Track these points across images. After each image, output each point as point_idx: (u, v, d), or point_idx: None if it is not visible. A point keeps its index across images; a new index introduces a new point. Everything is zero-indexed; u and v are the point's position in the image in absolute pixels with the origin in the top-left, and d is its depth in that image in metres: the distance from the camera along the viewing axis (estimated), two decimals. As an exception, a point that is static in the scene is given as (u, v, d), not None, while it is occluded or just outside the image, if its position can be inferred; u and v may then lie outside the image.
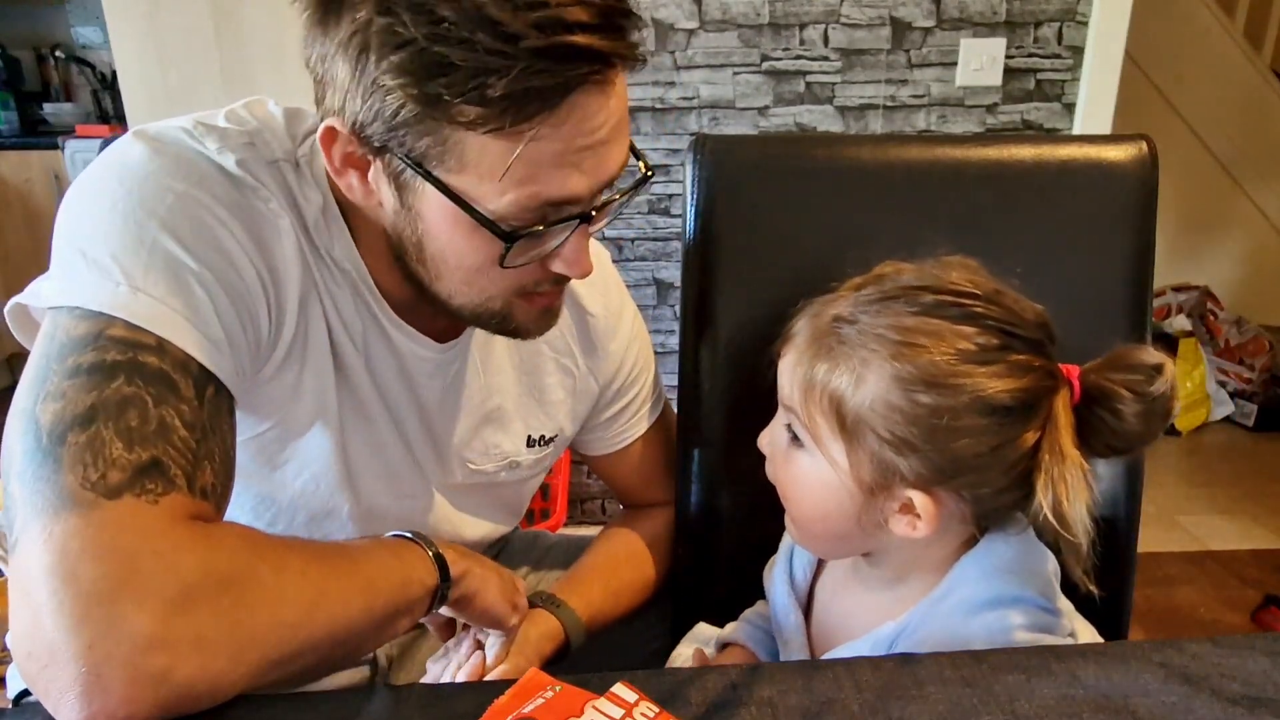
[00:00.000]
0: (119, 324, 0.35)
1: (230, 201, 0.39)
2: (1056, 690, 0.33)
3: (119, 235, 0.36)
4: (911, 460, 0.37)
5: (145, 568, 0.30)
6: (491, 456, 0.53)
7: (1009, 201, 0.57)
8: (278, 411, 0.43)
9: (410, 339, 0.46)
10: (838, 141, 0.81)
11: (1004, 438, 0.37)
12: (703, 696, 0.33)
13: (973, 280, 0.39)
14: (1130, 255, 0.57)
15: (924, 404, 0.36)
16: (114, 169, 0.38)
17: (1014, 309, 0.38)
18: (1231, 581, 1.34)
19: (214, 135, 0.40)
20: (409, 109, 0.34)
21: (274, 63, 1.32)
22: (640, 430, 0.60)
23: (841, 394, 0.38)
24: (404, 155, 0.36)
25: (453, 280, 0.40)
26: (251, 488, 0.45)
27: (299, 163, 0.42)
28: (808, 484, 0.41)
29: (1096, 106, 1.41)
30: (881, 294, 0.39)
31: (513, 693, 0.31)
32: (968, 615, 0.38)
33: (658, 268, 1.48)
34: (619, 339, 0.56)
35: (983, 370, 0.37)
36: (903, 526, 0.39)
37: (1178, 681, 0.34)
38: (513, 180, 0.35)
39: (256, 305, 0.39)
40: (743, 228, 0.57)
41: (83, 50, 2.14)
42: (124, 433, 0.32)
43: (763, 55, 1.40)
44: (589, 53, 0.33)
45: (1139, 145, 0.57)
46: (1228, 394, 2.00)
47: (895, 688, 0.34)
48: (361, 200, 0.40)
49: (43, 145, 1.88)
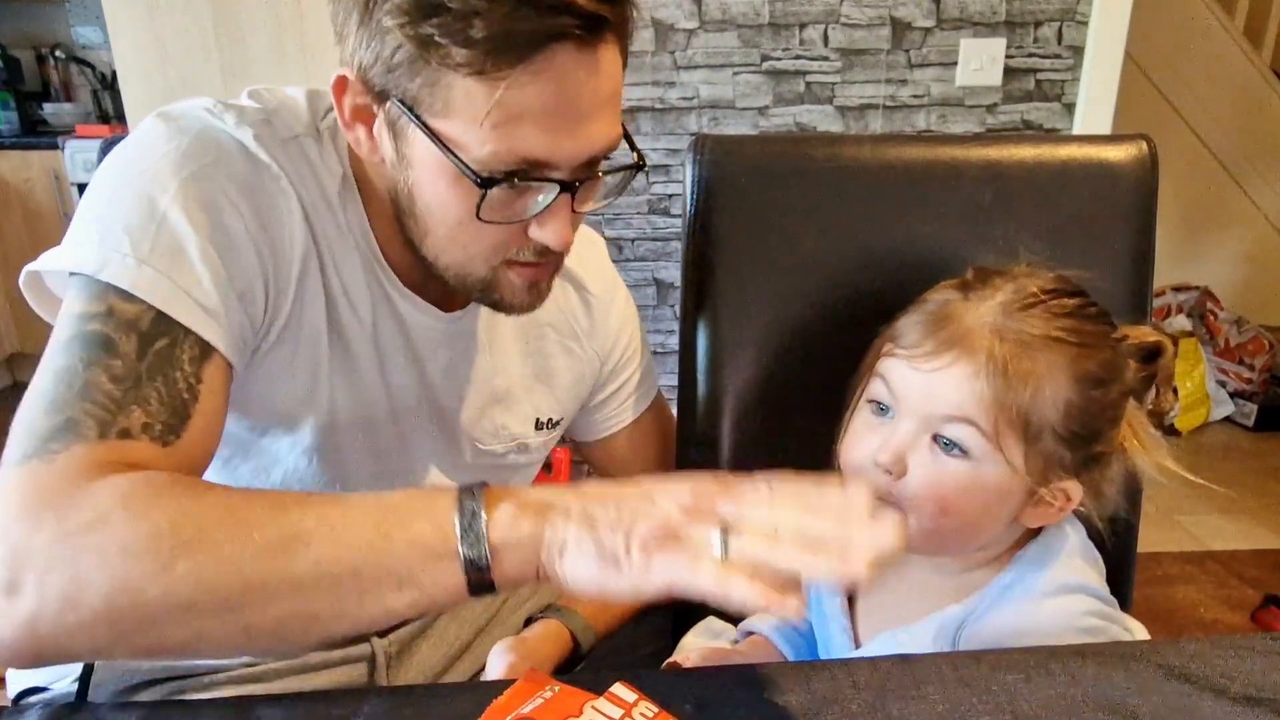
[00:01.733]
0: (83, 299, 0.36)
1: (241, 179, 0.40)
2: (1056, 690, 0.33)
3: (131, 209, 0.38)
4: (1078, 451, 0.40)
5: (25, 518, 0.31)
6: (500, 438, 0.53)
7: (1009, 201, 0.57)
8: (273, 386, 0.44)
9: (416, 308, 0.47)
10: (838, 141, 0.81)
11: (1123, 412, 0.42)
12: (701, 695, 0.33)
13: (1068, 278, 0.42)
14: (1130, 255, 0.56)
15: (1096, 398, 0.40)
16: (136, 150, 0.41)
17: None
18: (1231, 581, 1.34)
19: (232, 112, 0.42)
20: (404, 50, 0.36)
21: (274, 62, 1.33)
22: (631, 416, 0.59)
23: (1031, 402, 0.39)
24: (399, 99, 0.37)
25: (438, 235, 0.41)
26: (249, 460, 0.45)
27: (321, 134, 0.44)
28: (971, 491, 0.40)
29: (1096, 106, 1.41)
30: (1026, 299, 0.41)
31: (511, 693, 0.30)
32: (1037, 600, 0.40)
33: (658, 268, 1.48)
34: (614, 316, 0.57)
35: (1123, 358, 0.42)
36: (1038, 515, 0.41)
37: (1177, 681, 0.34)
38: (492, 128, 0.36)
39: (255, 283, 0.41)
40: (743, 228, 0.57)
41: (83, 50, 2.14)
42: (50, 405, 0.34)
43: (763, 55, 1.40)
44: (573, 7, 0.35)
45: (1139, 145, 0.57)
46: (1228, 394, 2.00)
47: (894, 688, 0.34)
48: (367, 155, 0.41)
49: (43, 145, 1.83)
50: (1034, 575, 0.41)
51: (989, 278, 0.42)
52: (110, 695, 0.45)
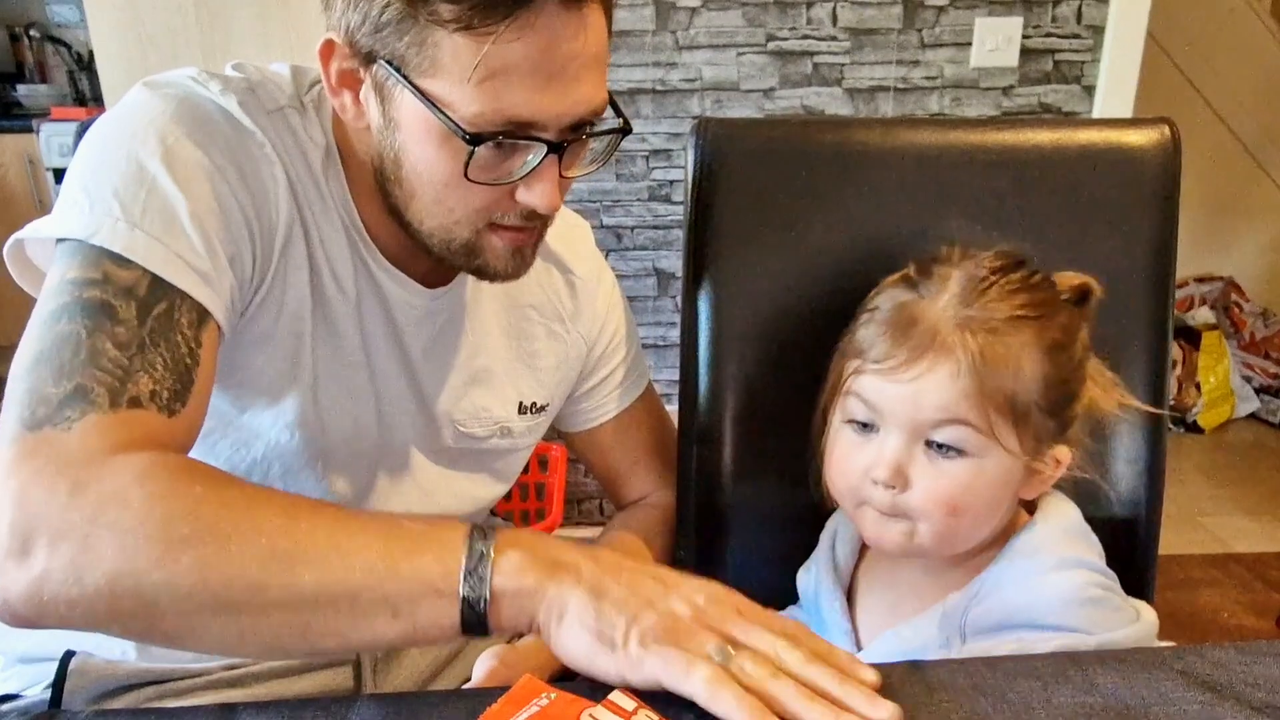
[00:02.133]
0: (75, 264, 0.37)
1: (226, 144, 0.41)
2: (1074, 698, 0.32)
3: (120, 175, 0.38)
4: (1059, 417, 0.41)
5: (42, 484, 0.32)
6: (481, 420, 0.52)
7: (1025, 188, 0.55)
8: (254, 355, 0.44)
9: (398, 284, 0.47)
10: (846, 125, 0.79)
11: (1087, 367, 0.43)
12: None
13: (1005, 250, 0.43)
14: (1152, 244, 0.55)
15: (1065, 361, 0.41)
16: (123, 116, 0.41)
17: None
18: (1256, 585, 1.31)
19: (217, 80, 0.42)
20: (393, 8, 0.37)
21: (256, 42, 1.30)
22: (618, 407, 0.59)
23: (1014, 385, 0.39)
24: (387, 60, 0.38)
25: (424, 199, 0.41)
26: (228, 436, 0.45)
27: (305, 106, 0.44)
28: (977, 487, 0.40)
29: (1117, 88, 1.37)
30: (978, 281, 0.41)
31: (505, 700, 0.30)
32: (1038, 577, 0.40)
33: (658, 257, 1.46)
34: (600, 299, 0.57)
35: (1073, 313, 0.43)
36: (1034, 486, 0.42)
37: (1200, 689, 0.33)
38: (478, 85, 0.37)
39: (242, 247, 0.41)
40: (747, 215, 0.56)
41: (58, 29, 2.08)
42: (56, 370, 0.35)
43: (768, 35, 1.36)
44: None
45: (1161, 129, 0.55)
46: (1253, 389, 1.96)
47: (906, 695, 0.33)
48: (353, 122, 0.42)
49: (16, 128, 1.76)
50: (1032, 555, 0.41)
51: (932, 269, 0.42)
52: (85, 702, 0.45)
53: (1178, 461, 1.66)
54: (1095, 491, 0.55)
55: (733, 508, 0.57)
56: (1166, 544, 0.57)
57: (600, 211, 1.42)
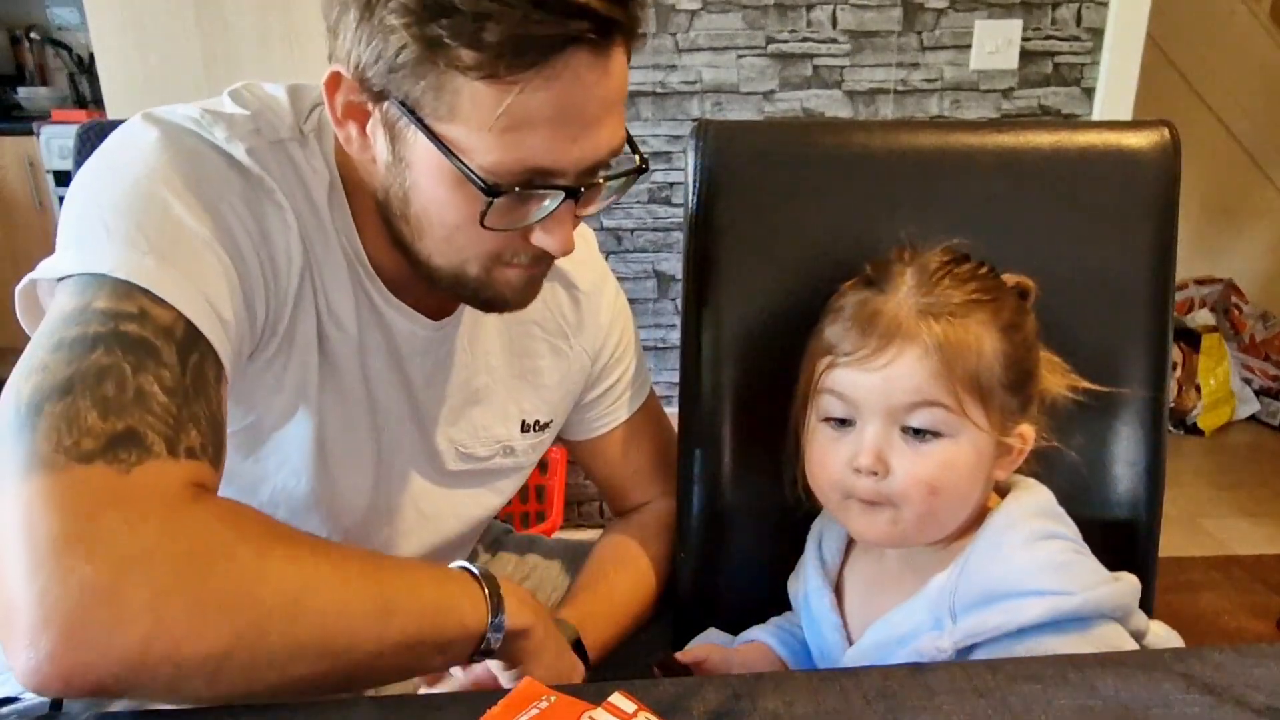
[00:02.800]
0: (105, 294, 0.35)
1: (239, 191, 0.40)
2: (1074, 701, 0.32)
3: (143, 209, 0.37)
4: (1020, 395, 0.44)
5: (106, 525, 0.30)
6: (482, 440, 0.52)
7: (1025, 190, 0.55)
8: (261, 403, 0.43)
9: (402, 315, 0.46)
10: (846, 128, 0.79)
11: (1039, 349, 0.46)
12: (704, 707, 0.33)
13: (951, 248, 0.46)
14: (1151, 247, 0.55)
15: (1019, 341, 0.44)
16: (134, 149, 0.39)
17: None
18: (1257, 587, 1.31)
19: (221, 123, 0.41)
20: (410, 50, 0.35)
21: (257, 45, 1.28)
22: (623, 415, 0.59)
23: (977, 363, 0.42)
24: (400, 100, 0.37)
25: (434, 238, 0.40)
26: (233, 482, 0.45)
27: (306, 136, 0.43)
28: (956, 467, 0.42)
29: (1117, 91, 1.37)
30: (930, 274, 0.43)
31: (506, 703, 0.30)
32: (1013, 548, 0.42)
33: (658, 259, 1.46)
34: (604, 311, 0.56)
35: (1024, 305, 0.46)
36: (1005, 465, 0.45)
37: (1200, 692, 0.33)
38: (500, 134, 0.36)
39: (256, 296, 0.40)
40: (747, 217, 0.56)
41: (59, 32, 2.07)
42: (100, 402, 0.32)
43: (768, 37, 1.37)
44: (587, 11, 0.34)
45: (1161, 132, 0.55)
46: (1253, 392, 1.95)
47: (906, 698, 0.33)
48: (358, 154, 0.40)
49: (17, 131, 1.75)
50: (1006, 531, 0.43)
51: (887, 268, 0.45)
52: (85, 703, 0.44)
53: (1178, 464, 1.65)
54: (1095, 494, 0.55)
55: (733, 511, 0.57)
56: (1167, 546, 0.57)
57: (600, 214, 1.42)
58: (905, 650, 0.42)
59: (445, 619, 0.37)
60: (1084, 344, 0.49)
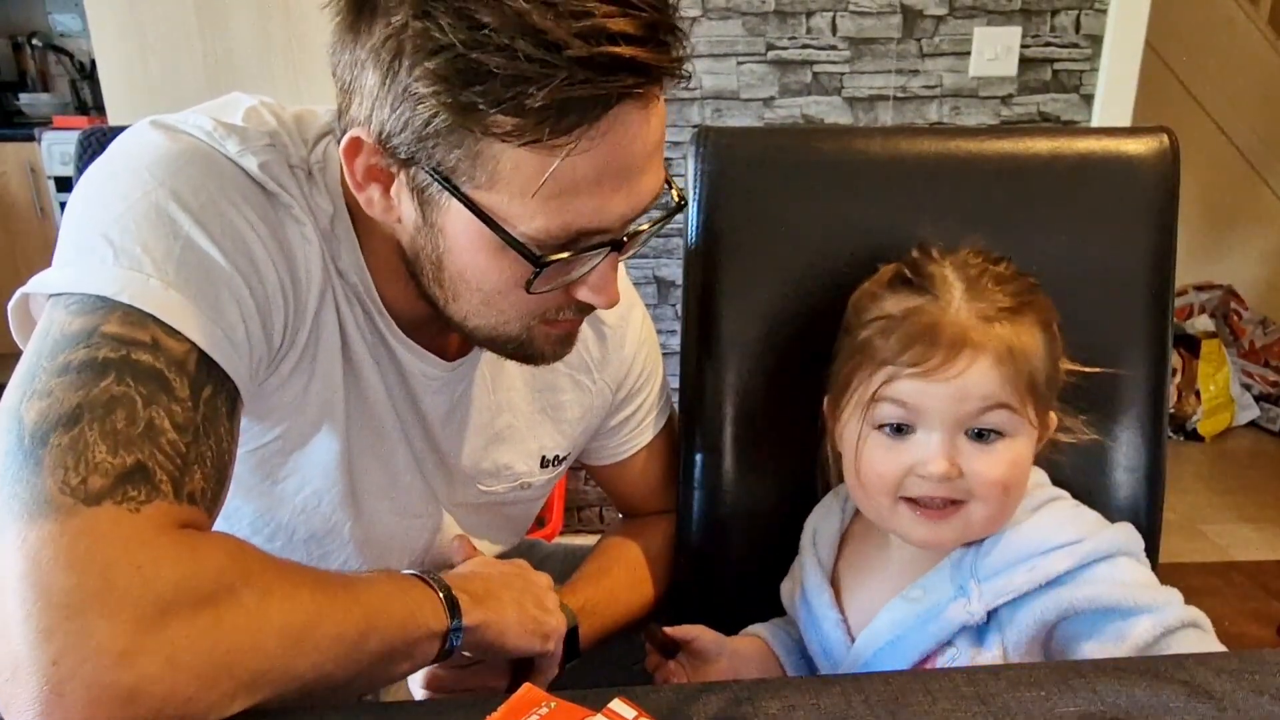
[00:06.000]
0: (115, 319, 0.33)
1: (255, 205, 0.38)
2: (1076, 707, 0.32)
3: (150, 226, 0.35)
4: (1054, 387, 0.45)
5: (120, 580, 0.29)
6: (502, 478, 0.52)
7: (1024, 197, 0.55)
8: (283, 421, 0.42)
9: (414, 355, 0.45)
10: (846, 134, 0.80)
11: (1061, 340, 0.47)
12: (705, 712, 0.32)
13: (974, 248, 0.47)
14: (1151, 252, 0.55)
15: (1054, 335, 0.45)
16: (142, 158, 0.37)
17: None
18: (1258, 593, 1.31)
19: (234, 136, 0.39)
20: (441, 118, 0.33)
21: (258, 52, 1.28)
22: (646, 439, 0.58)
23: (1034, 364, 0.43)
24: (432, 169, 0.35)
25: (471, 301, 0.39)
26: (251, 502, 0.44)
27: (311, 170, 0.41)
28: (1020, 462, 0.44)
29: (1116, 98, 1.38)
30: (978, 280, 0.44)
31: (506, 709, 0.30)
32: (1028, 514, 0.44)
33: (659, 265, 1.46)
34: (630, 342, 0.55)
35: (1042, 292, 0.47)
36: (1036, 450, 0.46)
37: (1201, 699, 0.33)
38: (544, 200, 0.34)
39: (274, 313, 0.38)
40: (747, 223, 0.56)
41: (61, 38, 2.03)
42: (109, 435, 0.31)
43: (768, 44, 1.37)
44: (633, 64, 0.32)
45: (1160, 138, 0.55)
46: (1253, 398, 1.95)
47: (907, 703, 0.33)
48: (381, 215, 0.38)
49: (18, 137, 1.75)
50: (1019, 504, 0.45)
51: (926, 270, 0.45)
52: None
53: (1178, 469, 1.65)
54: (1095, 499, 0.55)
55: (734, 514, 0.57)
56: (1167, 552, 0.57)
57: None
58: (934, 625, 0.43)
59: (412, 628, 0.37)
60: (1084, 350, 0.49)
